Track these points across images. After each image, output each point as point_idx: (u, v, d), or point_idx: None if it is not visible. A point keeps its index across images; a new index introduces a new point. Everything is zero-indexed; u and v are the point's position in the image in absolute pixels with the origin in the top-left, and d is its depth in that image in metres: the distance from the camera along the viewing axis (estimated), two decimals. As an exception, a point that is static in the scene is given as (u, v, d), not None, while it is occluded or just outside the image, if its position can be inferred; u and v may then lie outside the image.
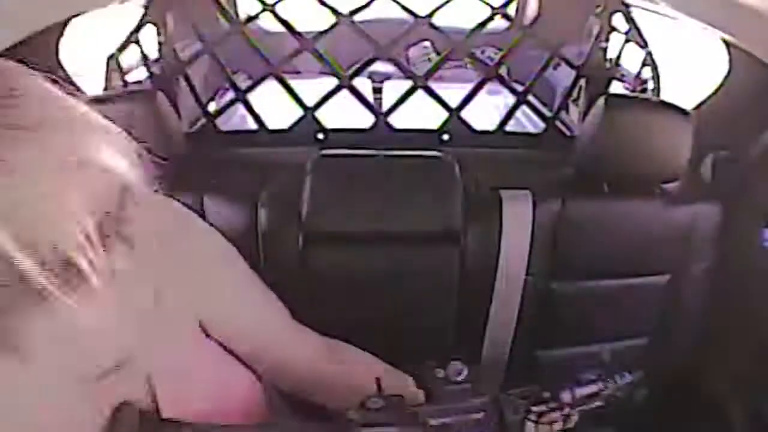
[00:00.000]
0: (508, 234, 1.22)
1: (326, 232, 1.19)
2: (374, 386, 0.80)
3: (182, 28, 1.66)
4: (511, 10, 1.86)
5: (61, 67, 1.38)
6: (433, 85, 1.47)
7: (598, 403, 0.86)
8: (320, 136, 1.44)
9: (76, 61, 1.45)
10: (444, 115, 1.46)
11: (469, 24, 1.53)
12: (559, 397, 0.84)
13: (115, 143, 0.49)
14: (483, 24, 1.53)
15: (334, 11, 1.49)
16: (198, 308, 0.77)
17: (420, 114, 1.49)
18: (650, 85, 1.56)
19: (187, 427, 0.66)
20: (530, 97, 1.53)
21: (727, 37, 1.05)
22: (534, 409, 0.83)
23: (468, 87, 1.48)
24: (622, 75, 1.64)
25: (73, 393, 0.58)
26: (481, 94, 1.48)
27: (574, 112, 1.71)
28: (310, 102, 1.45)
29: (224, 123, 1.65)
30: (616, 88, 1.63)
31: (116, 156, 0.48)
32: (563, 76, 1.78)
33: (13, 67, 0.50)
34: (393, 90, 1.88)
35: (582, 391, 0.85)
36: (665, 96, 1.53)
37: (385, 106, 1.48)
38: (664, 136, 1.17)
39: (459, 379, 0.79)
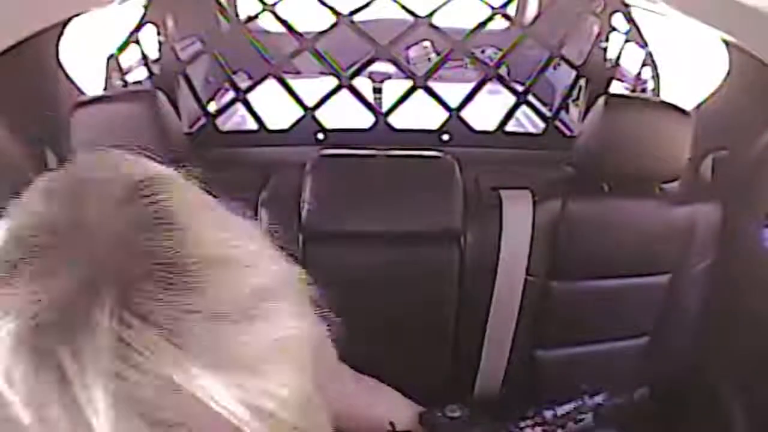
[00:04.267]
0: (508, 234, 1.22)
1: (326, 232, 1.19)
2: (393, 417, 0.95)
3: (182, 28, 1.66)
4: (511, 10, 1.86)
5: (61, 67, 1.38)
6: (433, 85, 1.47)
7: (575, 420, 1.02)
8: (320, 136, 1.44)
9: (76, 61, 1.45)
10: (444, 115, 1.46)
11: (469, 24, 1.53)
12: (542, 413, 1.00)
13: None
14: (483, 24, 1.53)
15: (334, 11, 1.49)
16: None
17: (420, 114, 1.49)
18: (650, 85, 1.56)
19: None
20: (530, 97, 1.52)
21: (727, 37, 1.05)
22: (521, 424, 0.98)
23: (468, 87, 1.47)
24: (622, 75, 1.64)
25: None
26: (481, 94, 1.48)
27: (574, 112, 1.71)
28: (310, 102, 1.45)
29: (224, 123, 1.65)
30: (616, 88, 1.63)
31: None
32: (563, 76, 1.78)
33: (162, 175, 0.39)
34: (393, 90, 1.88)
35: (561, 410, 1.01)
36: (665, 96, 1.53)
37: (385, 106, 1.48)
38: (664, 136, 1.17)
39: (455, 415, 0.96)
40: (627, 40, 1.57)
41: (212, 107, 1.68)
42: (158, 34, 1.57)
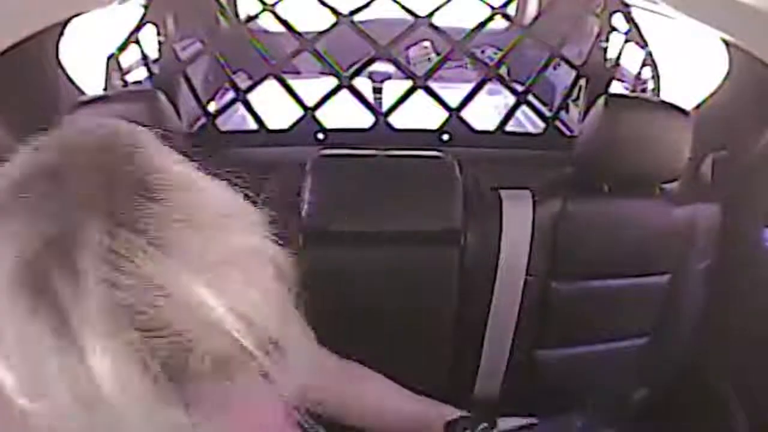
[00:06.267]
0: (508, 234, 1.22)
1: (326, 232, 1.19)
2: (384, 404, 0.96)
3: (182, 28, 1.66)
4: (511, 10, 1.86)
5: (61, 67, 1.38)
6: (433, 85, 1.47)
7: None
8: (320, 136, 1.44)
9: (76, 61, 1.45)
10: (444, 115, 1.46)
11: (469, 24, 1.53)
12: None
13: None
14: (483, 24, 1.53)
15: (334, 11, 1.49)
16: None
17: (420, 114, 1.49)
18: (650, 85, 1.56)
19: None
20: (530, 97, 1.53)
21: (727, 37, 1.05)
22: None
23: (468, 87, 1.47)
24: (622, 75, 1.64)
25: None
26: (481, 94, 1.48)
27: (574, 112, 1.71)
28: (310, 102, 1.45)
29: (224, 123, 1.65)
30: (616, 88, 1.64)
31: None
32: (563, 76, 1.78)
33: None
34: (393, 90, 1.88)
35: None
36: (665, 96, 1.53)
37: (385, 106, 1.48)
38: (664, 136, 1.17)
39: None
40: (627, 40, 1.57)
41: (212, 107, 1.68)
42: (158, 34, 1.57)
